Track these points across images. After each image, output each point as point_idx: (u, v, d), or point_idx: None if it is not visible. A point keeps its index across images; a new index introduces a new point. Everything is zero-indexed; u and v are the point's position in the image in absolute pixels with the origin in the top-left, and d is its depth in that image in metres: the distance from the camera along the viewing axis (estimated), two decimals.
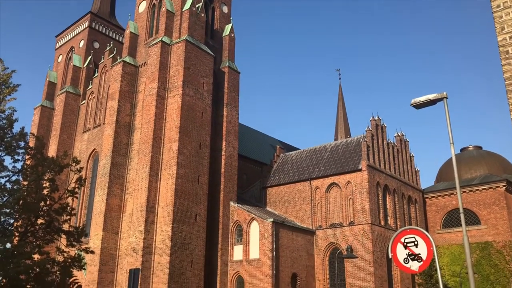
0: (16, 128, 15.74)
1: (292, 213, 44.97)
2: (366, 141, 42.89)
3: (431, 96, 12.11)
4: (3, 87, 15.77)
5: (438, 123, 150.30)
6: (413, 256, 9.50)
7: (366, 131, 44.38)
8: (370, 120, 45.65)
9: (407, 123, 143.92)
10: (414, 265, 9.46)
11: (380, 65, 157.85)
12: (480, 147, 57.57)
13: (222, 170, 41.41)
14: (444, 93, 12.06)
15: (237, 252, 39.72)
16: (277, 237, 38.57)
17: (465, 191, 49.59)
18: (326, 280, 41.63)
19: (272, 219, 38.91)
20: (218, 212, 40.26)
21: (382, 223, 42.52)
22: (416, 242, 9.49)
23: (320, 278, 41.64)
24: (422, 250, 9.40)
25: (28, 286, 15.12)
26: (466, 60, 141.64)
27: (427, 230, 49.64)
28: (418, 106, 12.26)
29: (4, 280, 14.78)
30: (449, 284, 40.72)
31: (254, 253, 38.55)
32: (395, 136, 50.00)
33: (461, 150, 57.70)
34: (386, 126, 47.43)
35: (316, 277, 41.81)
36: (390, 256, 9.90)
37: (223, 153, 41.93)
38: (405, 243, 9.59)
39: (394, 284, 42.26)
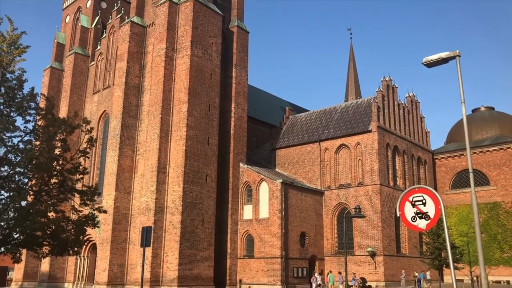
0: (26, 89, 15.77)
1: (301, 174, 45.30)
2: (377, 102, 42.55)
3: (443, 54, 11.86)
4: (13, 47, 15.73)
5: (450, 84, 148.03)
6: (420, 215, 9.57)
7: (377, 91, 43.94)
8: (381, 81, 45.15)
9: (418, 83, 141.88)
10: (422, 223, 9.54)
11: (392, 24, 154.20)
12: (492, 108, 56.85)
13: (232, 131, 41.54)
14: (457, 51, 11.80)
15: (247, 212, 40.38)
16: (286, 197, 39.05)
17: (475, 152, 49.41)
18: (334, 239, 42.36)
19: (281, 180, 39.28)
20: (228, 173, 40.67)
21: (391, 183, 42.74)
22: (424, 201, 9.54)
23: (329, 237, 42.37)
24: (430, 208, 9.45)
25: (44, 243, 15.64)
26: (479, 18, 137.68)
27: (436, 190, 49.96)
28: (430, 64, 12.02)
29: (21, 237, 15.27)
30: (456, 243, 41.16)
31: (264, 213, 39.18)
32: (406, 97, 49.52)
33: (473, 111, 57.06)
34: (397, 87, 46.91)
35: (325, 236, 42.54)
36: (398, 215, 9.97)
37: (232, 114, 41.92)
38: (413, 202, 9.65)
39: (401, 243, 42.92)
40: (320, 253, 41.91)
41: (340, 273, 33.31)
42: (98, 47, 47.51)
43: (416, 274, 40.47)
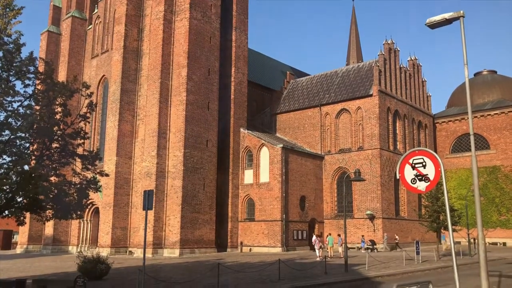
0: (24, 53, 15.56)
1: (302, 139, 45.39)
2: (378, 66, 42.13)
3: (447, 15, 11.62)
4: (7, 10, 15.41)
5: (452, 49, 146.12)
6: (420, 177, 9.60)
7: (378, 55, 43.45)
8: (383, 44, 44.54)
9: (421, 46, 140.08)
10: (421, 185, 9.58)
11: None
12: (495, 72, 56.35)
13: (232, 96, 41.34)
14: (461, 12, 11.56)
15: (248, 176, 40.73)
16: (287, 162, 39.28)
17: (476, 116, 49.31)
18: (333, 203, 42.88)
19: (281, 145, 39.40)
20: (228, 138, 40.76)
21: (391, 148, 42.88)
22: (424, 163, 9.56)
23: (328, 201, 42.87)
24: (429, 170, 9.48)
25: (47, 206, 15.82)
26: None
27: None
28: (434, 25, 11.79)
29: (24, 201, 15.44)
30: (455, 206, 41.68)
31: (264, 177, 39.52)
32: (408, 61, 48.99)
33: (475, 74, 56.56)
34: (399, 50, 46.37)
35: (324, 199, 43.04)
36: (397, 177, 10.02)
37: (232, 79, 41.61)
38: (413, 164, 9.67)
39: (400, 206, 43.46)
40: (320, 216, 42.52)
41: (339, 235, 33.88)
42: (96, 10, 46.64)
43: (397, 237, 40.35)
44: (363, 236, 38.39)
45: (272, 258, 27.59)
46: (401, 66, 46.48)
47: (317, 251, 30.18)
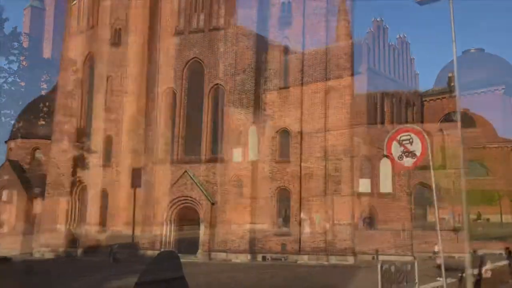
0: (7, 29, 15.26)
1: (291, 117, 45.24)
2: (367, 44, 42.01)
3: None
4: None
5: (442, 26, 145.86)
6: (407, 153, 9.75)
7: (367, 32, 43.31)
8: (372, 21, 44.37)
9: (409, 23, 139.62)
10: (408, 162, 9.76)
11: None
12: (483, 50, 56.55)
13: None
14: None
15: (236, 155, 40.58)
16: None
17: (463, 94, 49.59)
18: None
19: (270, 123, 39.25)
20: (217, 116, 40.47)
21: (379, 126, 43.10)
22: (411, 140, 9.71)
23: None
24: (416, 147, 9.64)
25: (35, 183, 15.79)
26: None
27: None
28: (423, 2, 11.90)
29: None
30: (441, 183, 42.29)
31: (253, 156, 39.42)
32: (396, 38, 48.90)
33: (463, 52, 56.68)
34: (388, 28, 46.24)
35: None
36: (385, 154, 10.16)
37: None
38: (400, 141, 9.81)
39: None
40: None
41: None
42: None
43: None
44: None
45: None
46: (390, 43, 46.42)
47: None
